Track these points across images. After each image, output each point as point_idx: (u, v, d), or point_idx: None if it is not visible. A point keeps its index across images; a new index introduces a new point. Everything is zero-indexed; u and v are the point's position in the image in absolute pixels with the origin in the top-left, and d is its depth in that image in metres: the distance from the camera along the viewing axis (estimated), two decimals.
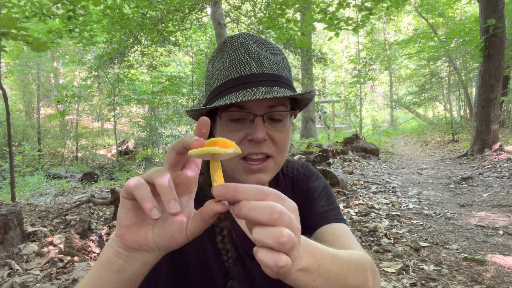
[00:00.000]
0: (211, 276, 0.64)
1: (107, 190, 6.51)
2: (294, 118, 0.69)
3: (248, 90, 0.59)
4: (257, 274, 0.68)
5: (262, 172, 0.63)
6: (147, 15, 6.29)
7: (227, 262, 0.64)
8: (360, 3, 4.51)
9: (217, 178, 0.40)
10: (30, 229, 2.99)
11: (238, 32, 0.67)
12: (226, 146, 0.39)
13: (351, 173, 5.99)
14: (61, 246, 2.52)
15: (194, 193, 0.46)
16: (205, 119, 0.42)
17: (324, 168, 4.81)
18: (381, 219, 3.27)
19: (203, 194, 0.67)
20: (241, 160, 0.62)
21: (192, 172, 0.45)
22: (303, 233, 0.42)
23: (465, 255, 2.35)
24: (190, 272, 0.64)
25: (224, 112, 0.61)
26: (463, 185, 4.77)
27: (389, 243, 2.68)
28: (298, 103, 0.70)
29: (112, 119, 11.73)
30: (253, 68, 0.60)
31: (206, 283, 0.64)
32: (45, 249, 2.51)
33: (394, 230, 2.94)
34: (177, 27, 7.29)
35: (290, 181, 0.80)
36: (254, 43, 0.65)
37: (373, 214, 3.44)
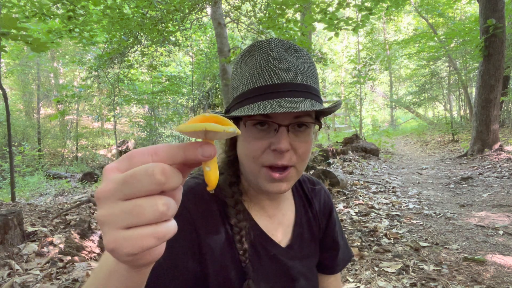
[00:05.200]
0: (227, 276, 0.64)
1: None
2: (320, 128, 0.69)
3: (275, 101, 0.58)
4: (273, 275, 0.69)
5: (284, 181, 0.63)
6: (147, 15, 6.29)
7: (244, 262, 0.64)
8: (360, 3, 4.51)
9: (211, 164, 0.33)
10: (30, 229, 2.99)
11: (268, 38, 0.66)
12: (223, 124, 0.32)
13: (351, 173, 5.99)
14: (61, 246, 2.52)
15: None
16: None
17: (324, 168, 4.81)
18: (381, 219, 3.27)
19: (224, 195, 0.67)
20: (264, 167, 0.62)
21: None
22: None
23: (465, 255, 2.35)
24: (209, 280, 0.63)
25: (249, 120, 0.61)
26: (463, 185, 4.77)
27: (389, 243, 2.68)
28: (323, 112, 0.70)
29: (112, 119, 11.73)
30: (282, 77, 0.60)
31: (222, 282, 0.63)
32: (45, 249, 2.51)
33: (394, 230, 2.94)
34: (177, 27, 7.28)
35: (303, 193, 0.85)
36: (284, 49, 0.64)
37: (373, 214, 3.44)
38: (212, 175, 0.33)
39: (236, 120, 0.65)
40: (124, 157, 0.32)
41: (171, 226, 0.31)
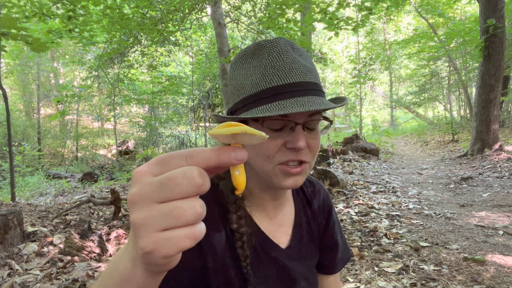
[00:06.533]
0: (228, 282, 0.64)
1: (107, 190, 6.51)
2: (331, 124, 0.70)
3: (293, 100, 0.59)
4: (273, 277, 0.69)
5: (300, 175, 0.64)
6: (147, 15, 6.29)
7: (246, 268, 0.64)
8: (360, 3, 4.51)
9: (240, 168, 0.34)
10: (30, 229, 2.99)
11: (273, 38, 0.68)
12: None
13: (351, 173, 5.99)
14: (61, 246, 2.52)
15: None
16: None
17: (324, 168, 4.81)
18: (381, 219, 3.27)
19: (225, 200, 0.67)
20: (279, 165, 0.63)
21: None
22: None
23: (465, 255, 2.35)
24: (209, 277, 0.63)
25: (267, 120, 0.61)
26: (463, 185, 4.77)
27: (389, 243, 2.68)
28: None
29: (112, 119, 11.73)
30: (296, 77, 0.61)
31: (222, 281, 0.63)
32: (45, 249, 2.52)
33: (394, 230, 2.94)
34: (177, 27, 7.28)
35: (304, 195, 0.85)
36: (292, 50, 0.64)
37: (373, 214, 3.44)
38: (241, 178, 0.35)
39: (245, 121, 0.64)
40: (156, 160, 0.32)
41: (203, 227, 0.32)
